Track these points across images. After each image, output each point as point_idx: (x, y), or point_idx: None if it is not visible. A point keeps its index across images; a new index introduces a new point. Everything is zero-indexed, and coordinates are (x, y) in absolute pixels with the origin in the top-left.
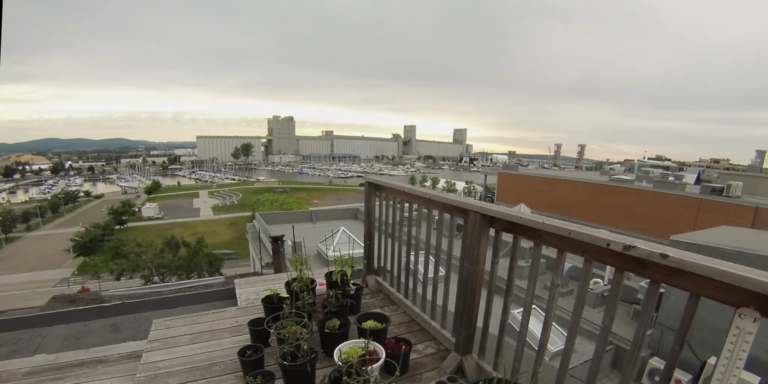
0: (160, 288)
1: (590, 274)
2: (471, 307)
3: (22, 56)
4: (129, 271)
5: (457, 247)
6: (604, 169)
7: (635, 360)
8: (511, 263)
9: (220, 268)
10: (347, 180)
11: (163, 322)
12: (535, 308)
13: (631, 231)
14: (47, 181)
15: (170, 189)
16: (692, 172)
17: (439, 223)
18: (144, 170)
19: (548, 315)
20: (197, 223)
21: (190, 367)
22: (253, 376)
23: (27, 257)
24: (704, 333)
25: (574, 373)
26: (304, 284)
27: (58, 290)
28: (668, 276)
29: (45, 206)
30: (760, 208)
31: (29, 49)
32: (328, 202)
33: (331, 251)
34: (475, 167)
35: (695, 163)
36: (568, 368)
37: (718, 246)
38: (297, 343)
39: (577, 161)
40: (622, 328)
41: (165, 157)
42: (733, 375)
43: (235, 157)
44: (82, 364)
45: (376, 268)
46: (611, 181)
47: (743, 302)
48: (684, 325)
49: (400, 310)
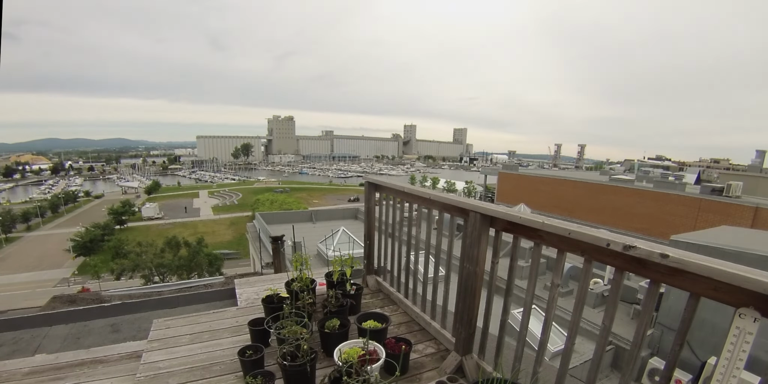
0: (161, 288)
1: (590, 274)
2: (471, 307)
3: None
4: (129, 270)
5: (457, 247)
6: (604, 169)
7: (635, 360)
8: (511, 263)
9: (220, 268)
10: (347, 180)
11: (163, 322)
12: (535, 308)
13: (631, 231)
14: (47, 181)
15: (170, 189)
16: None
17: (439, 223)
18: (144, 170)
19: (548, 315)
20: (197, 223)
21: (190, 367)
22: (253, 376)
23: (27, 257)
24: (704, 333)
25: (574, 373)
26: (304, 284)
27: (58, 290)
28: (668, 276)
29: (45, 206)
30: (760, 208)
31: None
32: (328, 202)
33: (331, 251)
34: (475, 167)
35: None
36: (568, 368)
37: (718, 246)
38: (297, 343)
39: (577, 161)
40: (622, 328)
41: (165, 157)
42: (733, 375)
43: (235, 157)
44: (82, 364)
45: (376, 268)
46: (611, 181)
47: (743, 302)
48: (684, 325)
49: (400, 310)
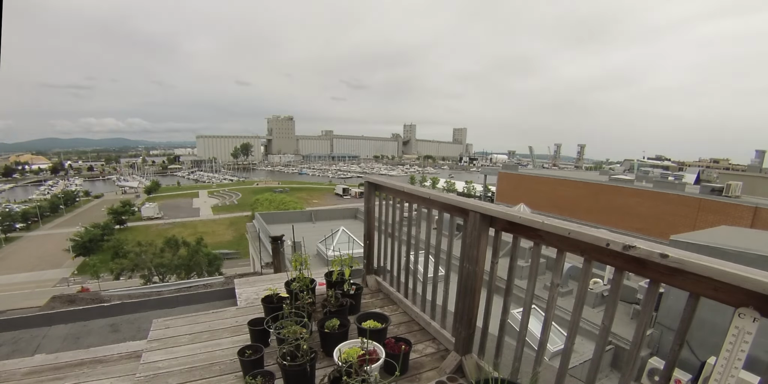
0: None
1: (590, 273)
2: (471, 307)
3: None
4: (128, 270)
5: (456, 246)
6: (604, 168)
7: (635, 360)
8: (511, 263)
9: (219, 267)
10: (347, 180)
11: (163, 322)
12: (535, 308)
13: (630, 231)
14: (47, 181)
15: (170, 189)
16: (692, 172)
17: (438, 223)
18: (143, 170)
19: (548, 315)
20: (197, 222)
21: (190, 367)
22: (252, 376)
23: (27, 257)
24: (704, 333)
25: (574, 373)
26: (303, 284)
27: (58, 290)
28: (668, 276)
29: (45, 206)
30: (759, 208)
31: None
32: (327, 202)
33: (331, 251)
34: (475, 167)
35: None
36: (567, 368)
37: (718, 246)
38: (297, 342)
39: (577, 161)
40: (622, 328)
41: (165, 156)
42: (732, 375)
43: (234, 156)
44: (81, 364)
45: (375, 268)
46: (611, 180)
47: (743, 302)
48: (683, 324)
49: (400, 310)
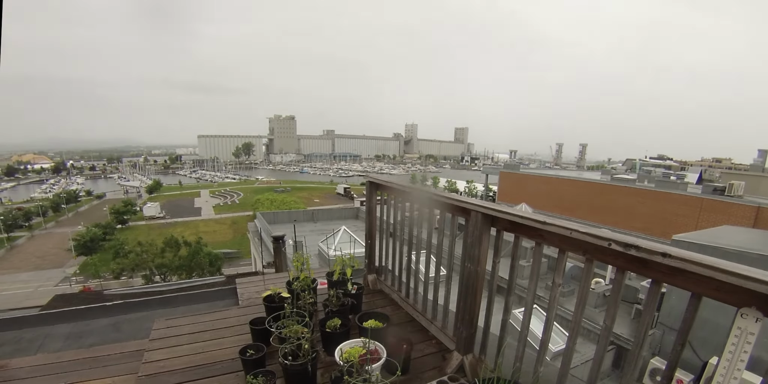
0: (162, 287)
1: (591, 273)
2: (472, 307)
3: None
4: (129, 270)
5: (458, 246)
6: (606, 168)
7: (637, 360)
8: (513, 263)
9: (220, 267)
10: (348, 179)
11: (165, 322)
12: (537, 308)
13: (632, 230)
14: (49, 180)
15: (172, 188)
16: (694, 172)
17: (440, 223)
18: (145, 169)
19: (549, 315)
20: (198, 222)
21: (192, 366)
22: (254, 376)
23: (29, 256)
24: (706, 333)
25: (576, 373)
26: (305, 284)
27: (60, 289)
28: (670, 276)
29: (46, 205)
30: (762, 207)
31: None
32: (329, 202)
33: (332, 251)
34: (477, 166)
35: (697, 162)
36: (569, 368)
37: (720, 246)
38: (298, 342)
39: (578, 160)
40: (624, 328)
41: (167, 156)
42: (735, 377)
43: (236, 156)
44: (83, 363)
45: (377, 268)
46: (613, 180)
47: (745, 302)
48: (686, 325)
49: (402, 310)
